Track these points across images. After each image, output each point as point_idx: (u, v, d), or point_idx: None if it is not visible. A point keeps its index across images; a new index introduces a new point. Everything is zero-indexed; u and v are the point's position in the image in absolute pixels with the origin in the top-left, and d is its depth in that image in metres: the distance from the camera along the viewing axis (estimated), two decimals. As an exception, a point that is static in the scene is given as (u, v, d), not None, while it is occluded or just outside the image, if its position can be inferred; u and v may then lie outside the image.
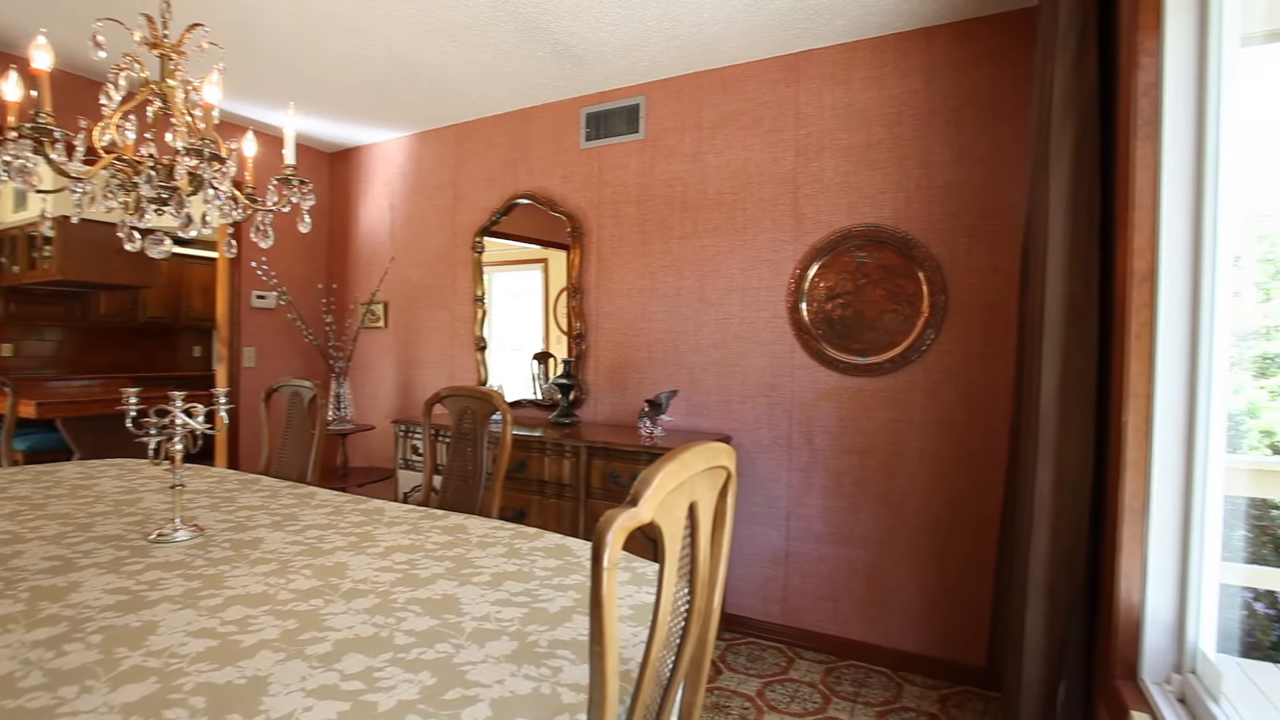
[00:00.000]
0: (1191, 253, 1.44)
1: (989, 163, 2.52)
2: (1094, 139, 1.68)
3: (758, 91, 2.94)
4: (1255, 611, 3.20)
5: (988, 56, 2.52)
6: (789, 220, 2.88)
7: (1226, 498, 1.52)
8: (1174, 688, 1.48)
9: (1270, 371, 5.28)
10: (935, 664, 2.62)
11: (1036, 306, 1.83)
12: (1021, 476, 1.97)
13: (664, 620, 0.90)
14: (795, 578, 2.88)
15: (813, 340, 2.81)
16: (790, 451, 2.88)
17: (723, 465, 1.00)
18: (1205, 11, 1.45)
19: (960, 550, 2.58)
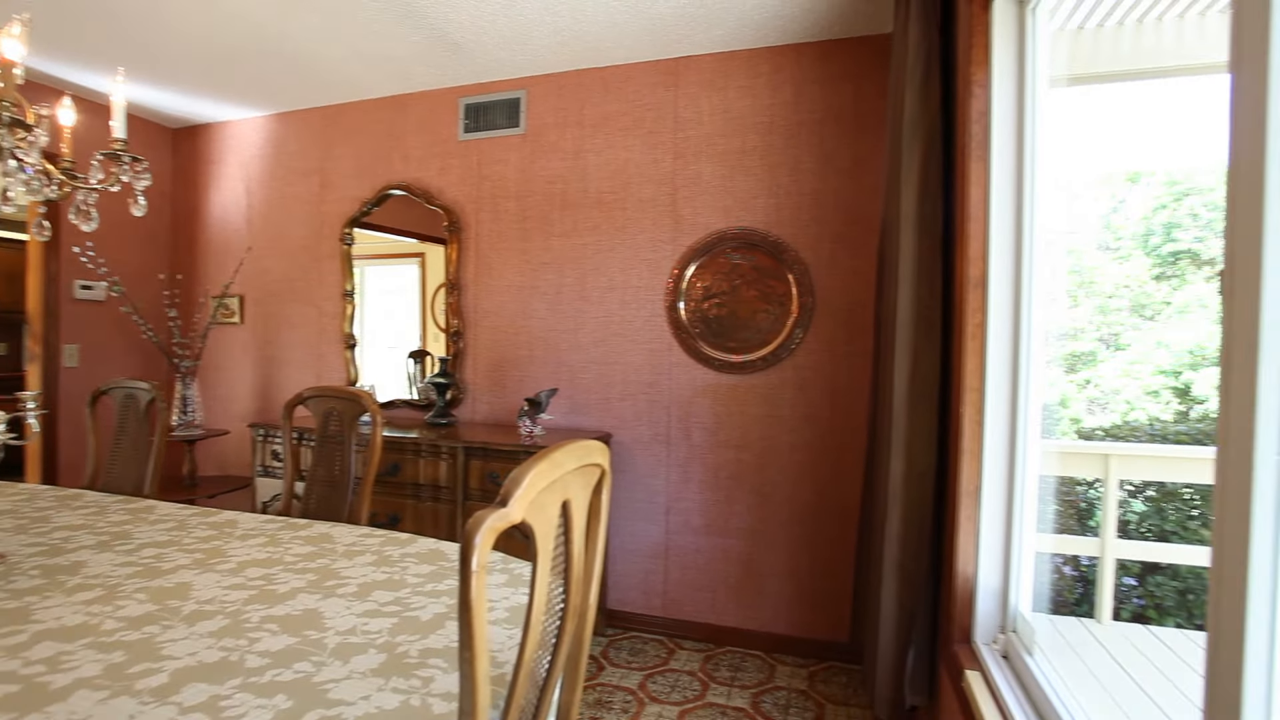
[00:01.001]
0: (1014, 262, 1.62)
1: (851, 173, 2.71)
2: (938, 157, 1.86)
3: (638, 93, 2.99)
4: (1064, 574, 3.68)
5: (850, 75, 2.71)
6: (668, 221, 2.94)
7: (1041, 477, 1.74)
8: (999, 646, 1.67)
9: (1078, 367, 6.01)
10: (805, 644, 2.79)
11: (890, 309, 1.99)
12: (878, 466, 2.14)
13: (538, 620, 0.90)
14: (675, 570, 2.96)
15: (690, 339, 2.90)
16: (669, 447, 2.95)
17: (596, 463, 1.01)
18: (1022, 52, 1.65)
19: (826, 536, 2.76)
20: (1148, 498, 3.70)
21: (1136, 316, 8.50)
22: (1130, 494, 3.58)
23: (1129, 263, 8.84)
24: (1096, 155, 6.88)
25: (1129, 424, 6.74)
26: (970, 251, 1.68)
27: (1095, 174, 9.60)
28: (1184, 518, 3.40)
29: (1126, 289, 8.71)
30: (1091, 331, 8.42)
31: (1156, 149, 6.81)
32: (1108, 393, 7.79)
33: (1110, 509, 2.90)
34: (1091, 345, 8.32)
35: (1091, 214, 9.67)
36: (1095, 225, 9.65)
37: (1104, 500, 2.92)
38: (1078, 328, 8.50)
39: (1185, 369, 4.68)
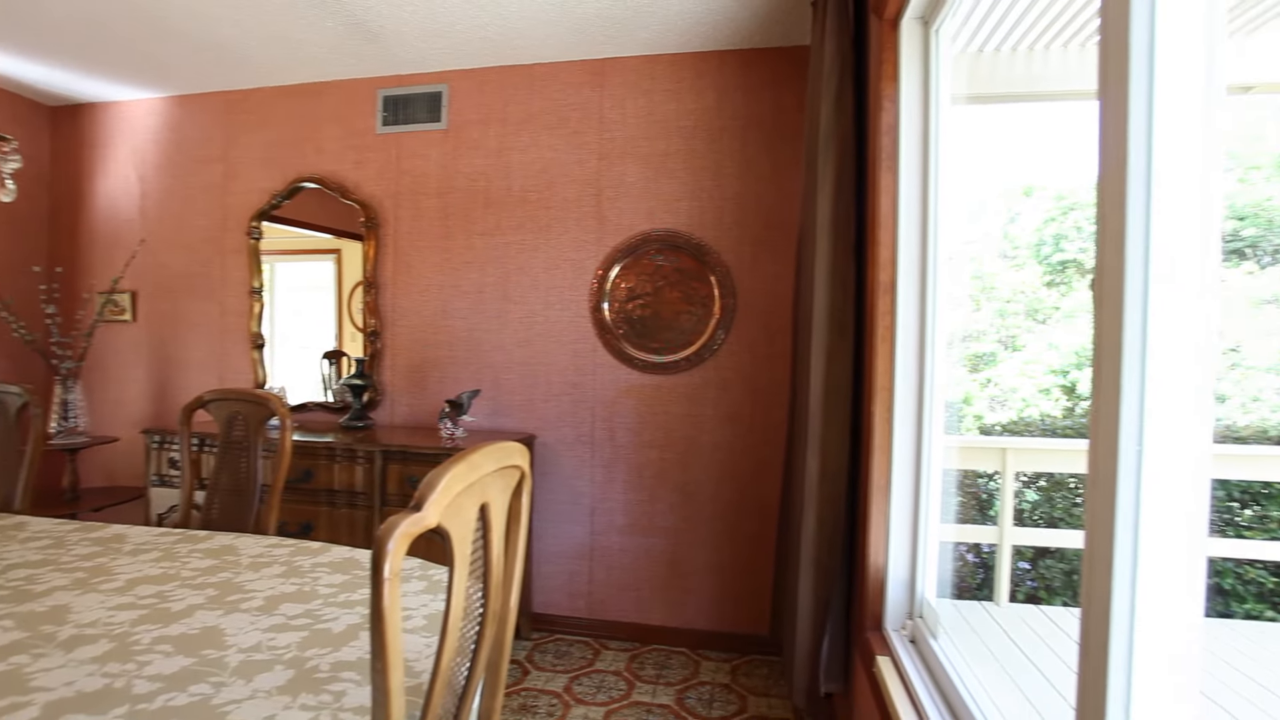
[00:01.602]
0: (919, 269, 1.72)
1: (770, 179, 2.79)
2: (851, 167, 1.94)
3: (564, 92, 2.97)
4: (967, 561, 3.92)
5: (770, 84, 2.79)
6: (592, 221, 2.94)
7: (945, 471, 1.85)
8: (907, 632, 1.76)
9: (980, 368, 6.39)
10: (728, 638, 2.85)
11: (807, 311, 2.06)
12: (795, 463, 2.21)
13: (455, 626, 0.88)
14: (600, 571, 2.96)
15: (614, 339, 2.91)
16: (594, 448, 2.95)
17: (516, 464, 1.00)
18: (927, 71, 1.75)
19: (747, 533, 2.83)
20: (1039, 488, 4.01)
21: (1031, 320, 9.17)
22: (1025, 484, 3.87)
23: (1024, 270, 9.51)
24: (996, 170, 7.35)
25: (1024, 420, 7.25)
26: (880, 258, 1.77)
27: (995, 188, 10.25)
28: (1069, 505, 3.70)
29: (1022, 295, 9.37)
30: (992, 334, 9.02)
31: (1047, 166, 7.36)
32: (1006, 391, 8.35)
33: (1007, 499, 3.11)
34: (992, 347, 8.91)
35: (992, 225, 10.34)
36: (995, 235, 10.32)
37: (1002, 491, 3.13)
38: (980, 330, 9.08)
39: (1072, 368, 5.09)
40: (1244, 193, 8.31)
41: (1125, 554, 0.74)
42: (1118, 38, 0.74)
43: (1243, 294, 7.60)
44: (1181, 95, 0.71)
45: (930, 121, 1.74)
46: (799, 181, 2.68)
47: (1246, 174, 8.34)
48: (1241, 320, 7.39)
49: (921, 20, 1.77)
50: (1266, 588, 3.60)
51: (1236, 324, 7.54)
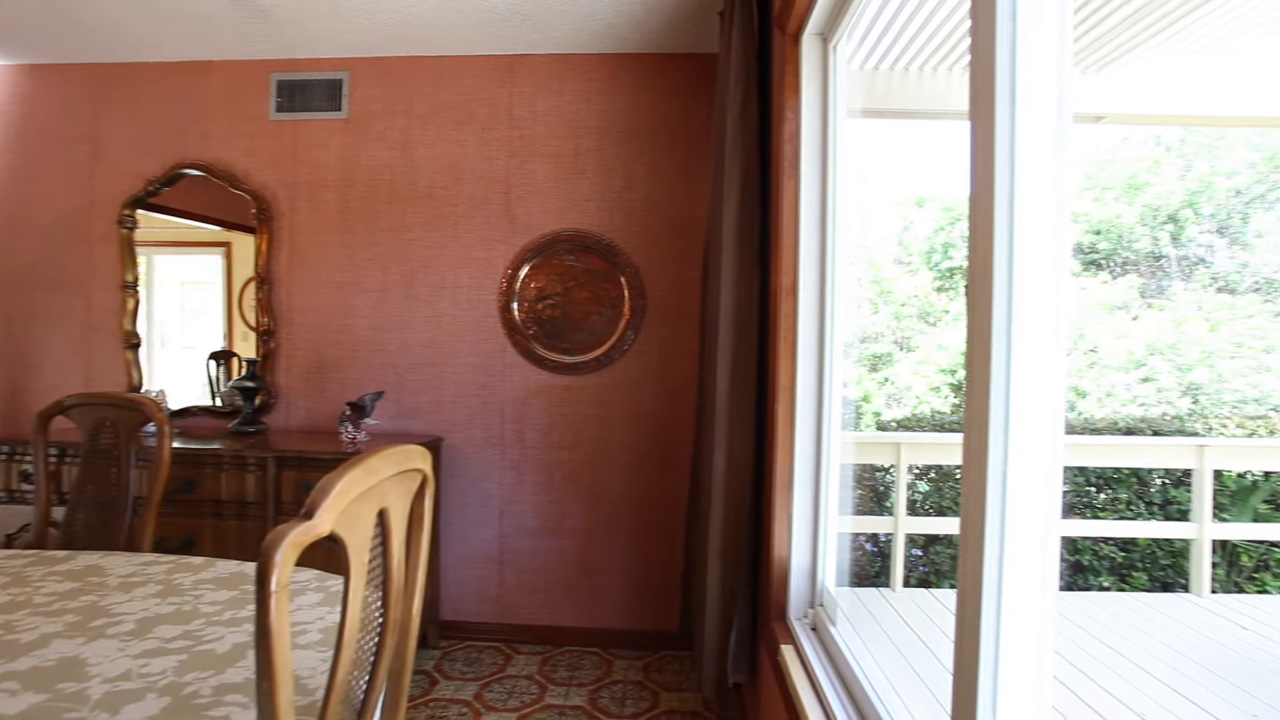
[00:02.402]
0: (819, 273, 1.80)
1: (679, 182, 2.85)
2: (756, 173, 2.01)
3: (473, 87, 2.90)
4: (865, 550, 4.15)
5: (681, 89, 2.84)
6: (501, 220, 2.89)
7: (845, 466, 1.95)
8: (809, 620, 1.84)
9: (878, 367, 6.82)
10: (640, 636, 2.88)
11: (714, 313, 2.12)
12: (703, 461, 2.26)
13: (352, 638, 0.84)
14: (511, 574, 2.92)
15: (524, 339, 2.88)
16: (503, 449, 2.90)
17: (417, 468, 0.97)
18: (826, 84, 1.83)
19: (657, 530, 2.87)
20: (930, 479, 4.30)
21: (923, 323, 9.81)
22: (917, 476, 4.14)
23: (917, 276, 10.16)
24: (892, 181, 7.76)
25: (916, 416, 7.74)
26: (783, 262, 1.84)
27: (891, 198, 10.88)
28: (956, 495, 3.99)
29: (915, 298, 10.00)
30: (889, 335, 9.59)
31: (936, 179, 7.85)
32: (902, 389, 8.90)
33: (901, 490, 3.31)
34: (889, 347, 9.46)
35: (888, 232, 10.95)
36: (891, 242, 10.95)
37: (896, 483, 3.33)
38: (878, 332, 9.63)
39: (959, 368, 5.50)
40: (1099, 210, 9.26)
41: (994, 537, 0.80)
42: (984, 66, 0.81)
43: (1099, 300, 8.44)
44: (1038, 119, 0.79)
45: (829, 132, 1.83)
46: (707, 186, 2.74)
47: (1101, 194, 9.30)
48: (1099, 324, 8.21)
49: (821, 36, 1.85)
50: (1117, 562, 4.02)
51: (1095, 327, 8.37)
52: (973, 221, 0.85)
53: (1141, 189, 9.23)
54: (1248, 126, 5.41)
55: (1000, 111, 0.79)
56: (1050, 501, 0.81)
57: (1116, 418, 5.46)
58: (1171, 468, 3.76)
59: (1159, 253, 9.22)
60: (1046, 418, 0.79)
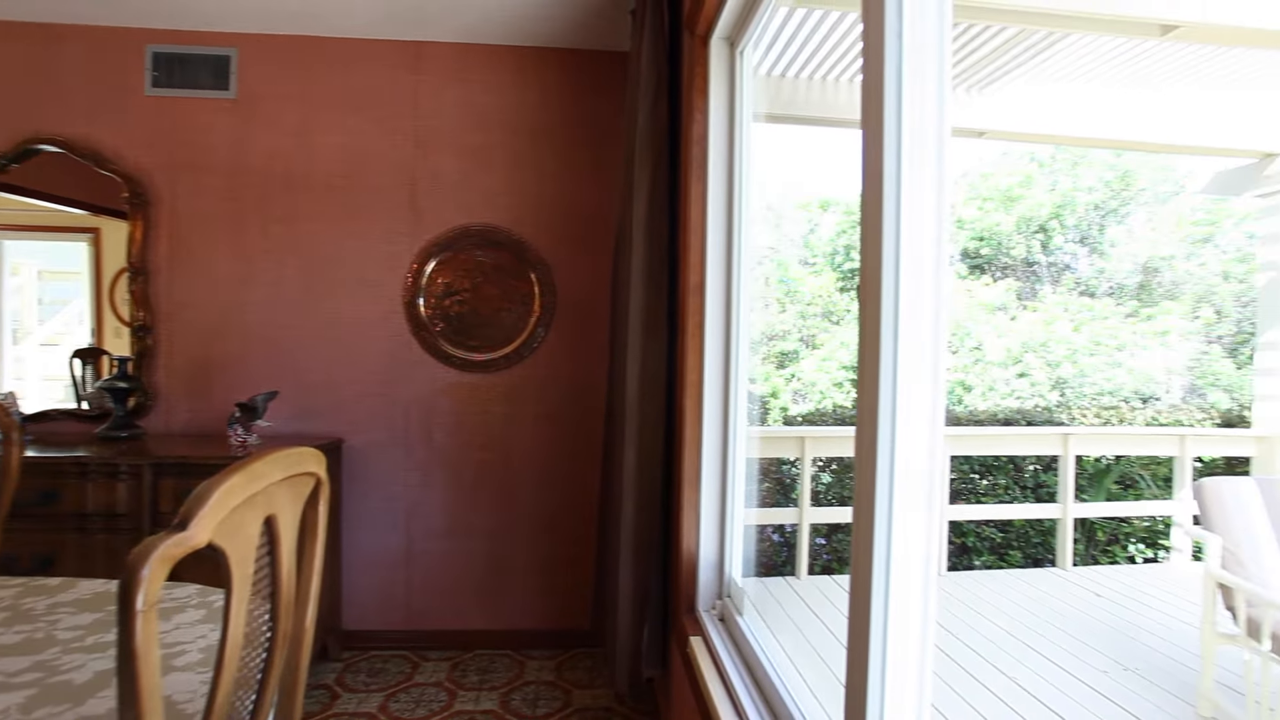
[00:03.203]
0: (725, 271, 1.85)
1: (590, 179, 2.84)
2: (665, 172, 2.03)
3: (377, 73, 2.77)
4: (772, 540, 4.30)
5: (592, 86, 2.84)
6: (407, 213, 2.79)
7: (752, 459, 2.01)
8: (717, 611, 1.89)
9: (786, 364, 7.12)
10: (552, 635, 2.86)
11: (624, 310, 2.13)
12: (614, 457, 2.27)
13: (234, 656, 0.78)
14: (418, 578, 2.82)
15: (431, 337, 2.79)
16: (409, 450, 2.80)
17: (310, 471, 0.92)
18: (733, 88, 1.88)
19: (569, 528, 2.86)
20: (832, 471, 4.52)
21: (827, 321, 10.28)
22: (820, 469, 4.34)
23: (821, 276, 10.62)
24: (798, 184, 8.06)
25: (820, 411, 8.11)
26: (691, 260, 1.87)
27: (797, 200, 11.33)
28: (855, 485, 4.20)
29: (820, 298, 10.46)
30: (795, 333, 9.98)
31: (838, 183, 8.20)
32: (807, 385, 9.29)
33: (805, 482, 3.46)
34: (795, 345, 9.85)
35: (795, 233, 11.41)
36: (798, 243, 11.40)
37: (801, 476, 3.48)
38: (785, 330, 10.00)
39: (857, 364, 5.74)
40: (981, 219, 10.01)
41: (883, 523, 0.85)
42: (874, 80, 0.86)
43: (983, 302, 9.12)
44: (921, 132, 0.84)
45: (737, 135, 1.88)
46: (617, 184, 2.75)
47: (983, 204, 10.04)
48: (982, 324, 8.87)
49: (728, 41, 1.90)
50: (996, 542, 4.38)
51: (979, 327, 9.04)
52: (864, 225, 0.90)
53: (1017, 201, 10.09)
54: (1104, 148, 6.02)
55: (888, 123, 0.83)
56: (933, 488, 0.86)
57: (997, 410, 5.94)
58: (1042, 454, 4.13)
59: (1032, 259, 10.11)
60: (927, 410, 0.84)
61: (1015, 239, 10.35)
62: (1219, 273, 9.32)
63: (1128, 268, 9.75)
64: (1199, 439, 3.87)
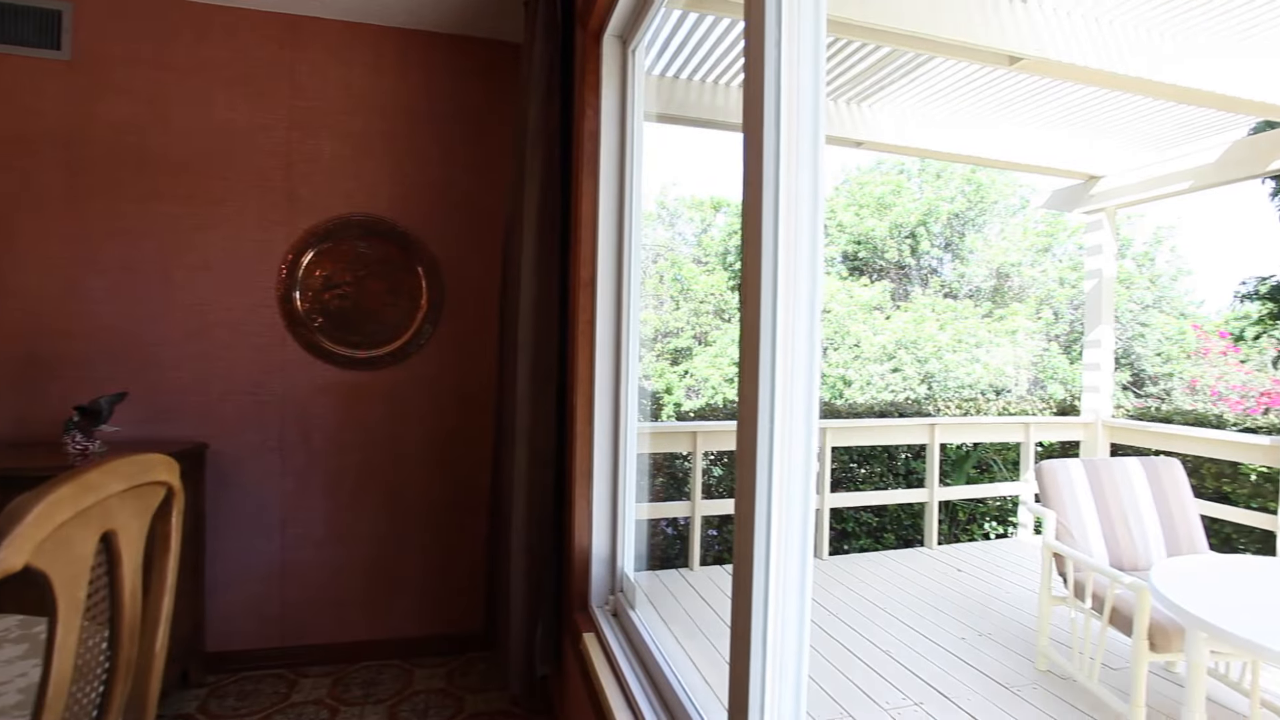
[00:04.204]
0: (616, 268, 1.86)
1: (478, 171, 2.76)
2: (557, 166, 2.02)
3: (249, 46, 2.55)
4: (665, 533, 4.38)
5: (481, 74, 2.76)
6: (282, 199, 2.59)
7: (644, 454, 2.03)
8: (610, 606, 1.90)
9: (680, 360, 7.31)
10: (443, 641, 2.76)
11: (514, 305, 2.09)
12: (505, 455, 2.23)
13: (60, 693, 0.70)
14: (294, 590, 2.64)
15: (308, 332, 2.61)
16: (284, 453, 2.61)
17: (159, 480, 0.83)
18: (625, 85, 1.90)
19: (459, 529, 2.78)
20: (723, 464, 4.67)
21: (719, 319, 10.60)
22: (711, 462, 4.47)
23: (714, 275, 10.94)
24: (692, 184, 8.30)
25: (712, 405, 8.35)
26: (582, 256, 1.87)
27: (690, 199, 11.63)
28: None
29: (713, 296, 10.78)
30: (689, 330, 10.22)
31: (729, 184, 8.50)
32: (700, 380, 9.54)
33: (697, 476, 3.55)
34: (688, 342, 10.09)
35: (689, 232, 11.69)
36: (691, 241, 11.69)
37: (693, 469, 3.56)
38: (679, 327, 10.21)
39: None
40: (858, 224, 10.68)
41: (762, 513, 0.89)
42: (755, 87, 0.89)
43: (861, 302, 9.74)
44: (798, 139, 0.88)
45: (629, 132, 1.90)
46: (507, 175, 2.69)
47: (860, 210, 10.73)
48: (861, 322, 9.48)
49: (620, 38, 1.91)
50: (873, 526, 4.71)
51: (857, 326, 9.66)
52: (744, 225, 0.93)
53: (889, 208, 10.89)
54: (963, 163, 6.59)
55: (768, 126, 0.87)
56: (807, 477, 0.91)
57: (874, 403, 6.38)
58: (912, 443, 4.48)
59: (904, 263, 10.95)
60: (802, 403, 0.89)
61: (889, 243, 11.19)
62: (1056, 279, 10.52)
63: (984, 273, 10.79)
64: (1040, 426, 4.34)
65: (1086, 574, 2.22)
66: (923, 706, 2.19)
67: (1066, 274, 10.52)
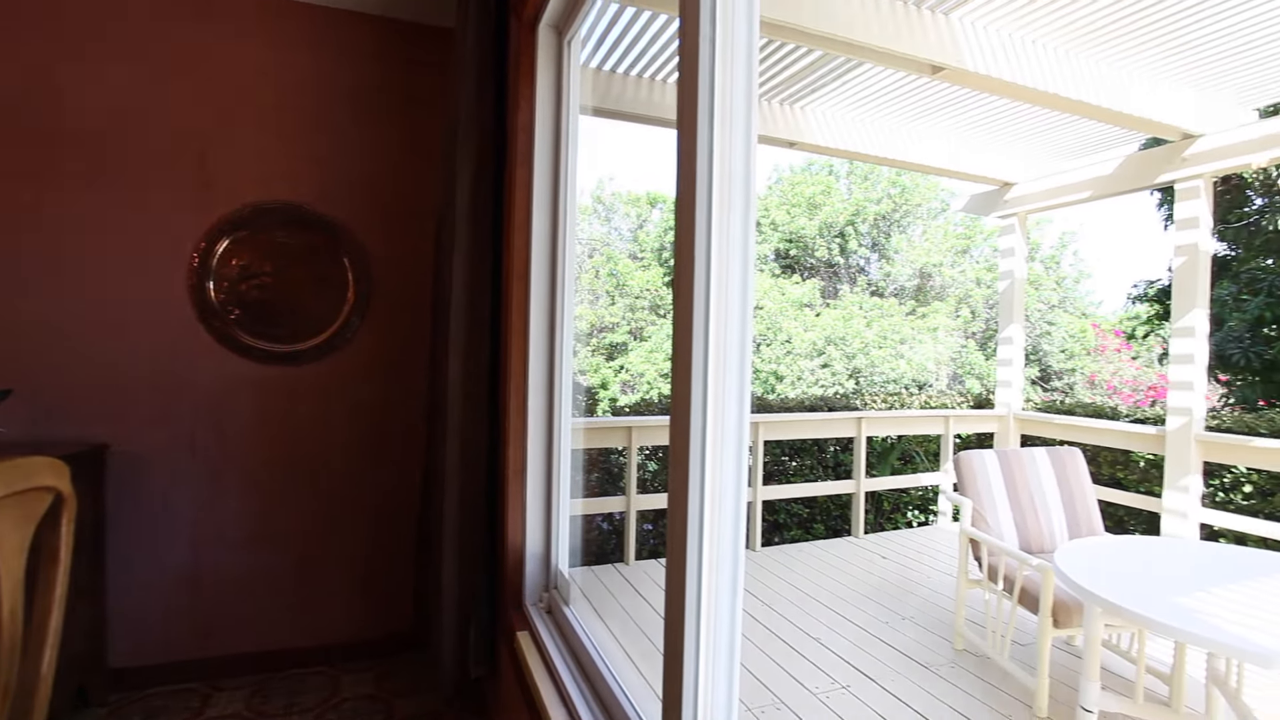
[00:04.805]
0: (550, 259, 1.84)
1: (408, 159, 2.67)
2: (490, 158, 1.97)
3: (157, 14, 2.37)
4: (601, 529, 4.38)
5: (412, 59, 2.66)
6: (193, 182, 2.43)
7: (576, 450, 2.02)
8: (544, 604, 1.88)
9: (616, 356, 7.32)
10: (372, 644, 2.67)
11: (446, 298, 2.04)
12: (436, 452, 2.17)
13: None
14: (210, 598, 2.49)
15: (224, 325, 2.46)
16: (197, 453, 2.45)
17: (45, 486, 0.76)
18: (560, 77, 1.87)
19: (389, 528, 2.69)
20: (658, 459, 4.70)
21: (655, 315, 10.68)
22: (646, 457, 4.49)
23: (650, 270, 11.02)
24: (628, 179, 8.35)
25: (647, 400, 8.40)
26: (516, 248, 1.84)
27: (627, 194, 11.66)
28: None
29: (649, 291, 10.85)
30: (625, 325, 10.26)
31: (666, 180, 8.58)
32: (636, 376, 9.59)
33: (632, 471, 3.56)
34: (624, 337, 10.12)
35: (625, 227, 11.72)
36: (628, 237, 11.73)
37: (629, 464, 3.57)
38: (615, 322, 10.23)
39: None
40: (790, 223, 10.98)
41: (695, 505, 0.90)
42: (689, 85, 0.90)
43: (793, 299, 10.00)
44: (731, 136, 0.89)
45: (564, 124, 1.87)
46: (439, 165, 2.62)
47: (791, 209, 11.03)
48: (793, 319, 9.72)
49: (556, 29, 1.88)
50: (804, 517, 4.85)
51: (789, 322, 9.90)
52: (679, 221, 0.93)
53: (820, 208, 11.24)
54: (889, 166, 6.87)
55: (701, 125, 0.87)
56: (739, 470, 0.92)
57: (805, 397, 6.56)
58: (841, 437, 4.64)
59: (833, 261, 11.32)
60: (734, 397, 0.90)
61: (819, 242, 11.54)
62: (973, 279, 11.12)
63: (908, 272, 11.29)
64: (958, 419, 4.58)
65: (999, 558, 2.36)
66: (850, 689, 2.27)
67: (983, 275, 11.14)
